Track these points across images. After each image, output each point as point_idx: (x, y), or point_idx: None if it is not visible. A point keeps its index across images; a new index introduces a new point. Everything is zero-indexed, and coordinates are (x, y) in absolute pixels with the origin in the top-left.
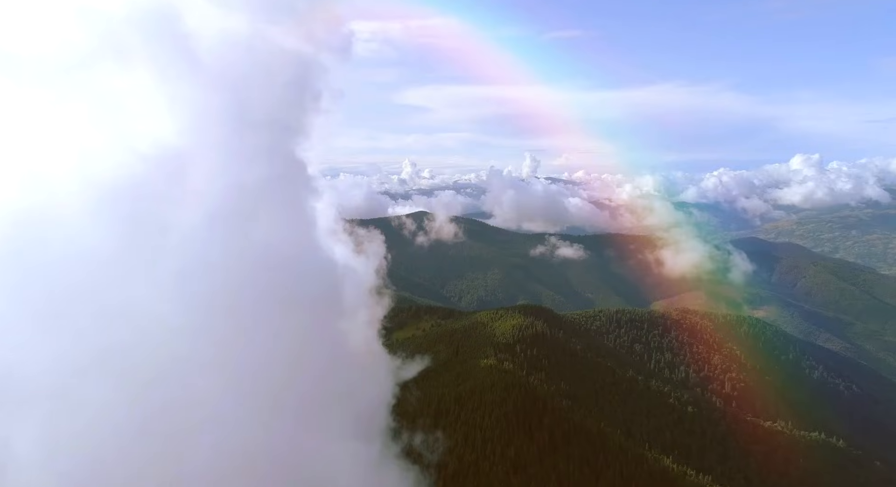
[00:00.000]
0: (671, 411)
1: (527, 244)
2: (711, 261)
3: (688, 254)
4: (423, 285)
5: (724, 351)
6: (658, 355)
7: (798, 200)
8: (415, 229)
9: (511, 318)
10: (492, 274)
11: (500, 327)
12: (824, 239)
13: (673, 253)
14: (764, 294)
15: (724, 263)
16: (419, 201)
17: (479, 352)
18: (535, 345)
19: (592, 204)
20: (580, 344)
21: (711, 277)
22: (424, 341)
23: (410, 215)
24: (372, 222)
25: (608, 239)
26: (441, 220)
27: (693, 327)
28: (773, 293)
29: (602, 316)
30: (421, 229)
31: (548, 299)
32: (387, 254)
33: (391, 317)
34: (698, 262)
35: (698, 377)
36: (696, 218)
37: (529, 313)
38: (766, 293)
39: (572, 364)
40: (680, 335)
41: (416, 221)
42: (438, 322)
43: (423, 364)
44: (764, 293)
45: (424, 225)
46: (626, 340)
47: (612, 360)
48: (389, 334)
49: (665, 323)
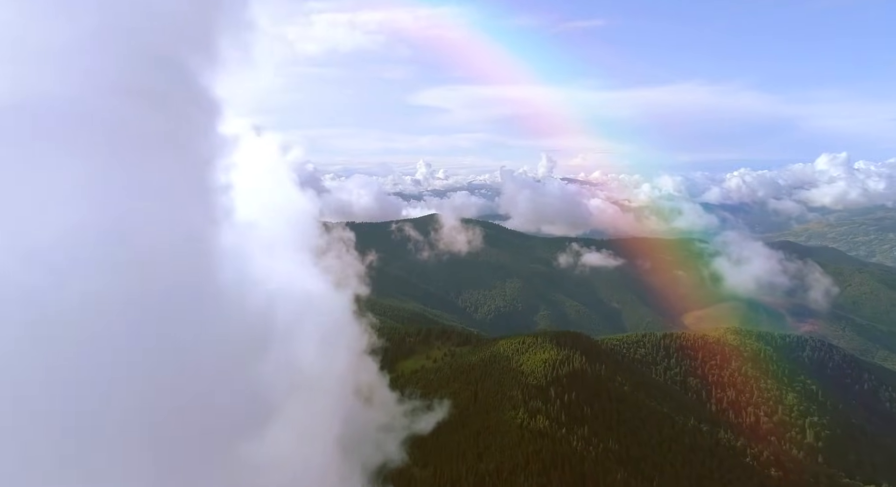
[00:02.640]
0: (749, 474)
1: (547, 249)
2: (745, 266)
3: (720, 259)
4: (436, 295)
5: (795, 386)
6: (719, 392)
7: (829, 202)
8: (427, 233)
9: (541, 350)
10: (510, 282)
11: (528, 362)
12: (859, 242)
13: (704, 258)
14: (808, 304)
15: (759, 268)
16: (432, 202)
17: (505, 398)
18: (574, 387)
19: (615, 205)
20: (627, 382)
21: (748, 285)
22: (436, 377)
23: (423, 218)
24: (382, 225)
25: (634, 243)
26: (455, 223)
27: (753, 354)
28: (819, 304)
29: (647, 342)
30: (434, 233)
31: (571, 310)
32: (396, 261)
33: (398, 342)
34: (731, 267)
35: (771, 421)
36: (721, 220)
37: (562, 342)
38: (811, 303)
39: (621, 411)
40: (739, 364)
41: (428, 224)
42: (452, 350)
43: (433, 412)
44: (808, 303)
45: (438, 228)
46: (678, 372)
47: (667, 403)
48: (394, 364)
49: (723, 350)
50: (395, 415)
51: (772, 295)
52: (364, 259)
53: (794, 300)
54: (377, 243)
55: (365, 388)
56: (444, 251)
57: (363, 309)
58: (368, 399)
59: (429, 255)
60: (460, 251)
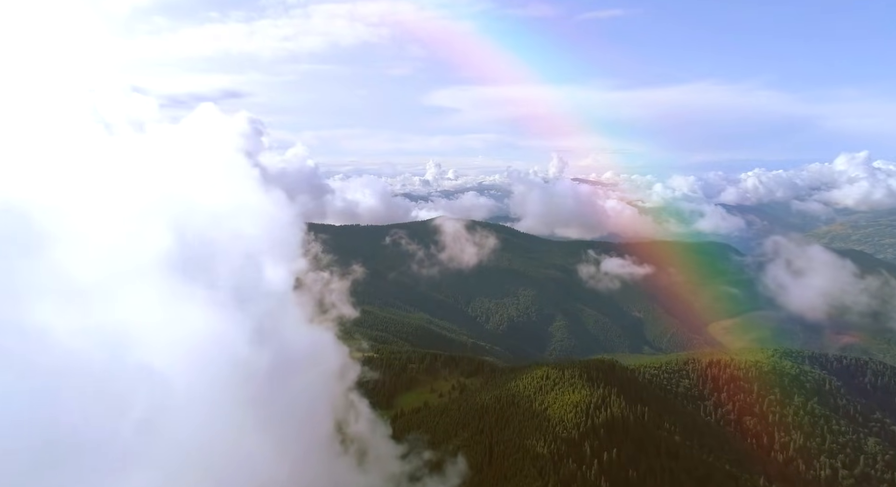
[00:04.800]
0: None
1: (563, 254)
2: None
3: (746, 263)
4: (444, 303)
5: (873, 426)
6: (783, 435)
7: (852, 203)
8: (435, 237)
9: (569, 387)
10: (524, 290)
11: (554, 405)
12: (885, 244)
13: (732, 263)
14: (845, 313)
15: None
16: (440, 203)
17: (527, 457)
18: (615, 440)
19: (631, 206)
20: (676, 428)
21: (780, 292)
22: (441, 420)
23: (431, 220)
24: (385, 229)
25: (654, 247)
26: (464, 227)
27: (816, 384)
28: (859, 313)
29: (691, 371)
30: (442, 237)
31: (589, 320)
32: (401, 267)
33: (397, 371)
34: (760, 272)
35: (852, 475)
36: (748, 223)
37: (593, 375)
38: (848, 312)
39: (674, 471)
40: (803, 400)
41: (436, 227)
42: (461, 382)
43: (441, 473)
44: (844, 311)
45: (446, 231)
46: (732, 408)
47: (726, 453)
48: (393, 397)
49: (782, 381)
50: (395, 478)
51: (804, 302)
52: (364, 265)
53: (832, 308)
54: (380, 248)
55: (356, 439)
56: (453, 256)
57: (356, 330)
58: (362, 454)
59: (436, 261)
60: (470, 256)
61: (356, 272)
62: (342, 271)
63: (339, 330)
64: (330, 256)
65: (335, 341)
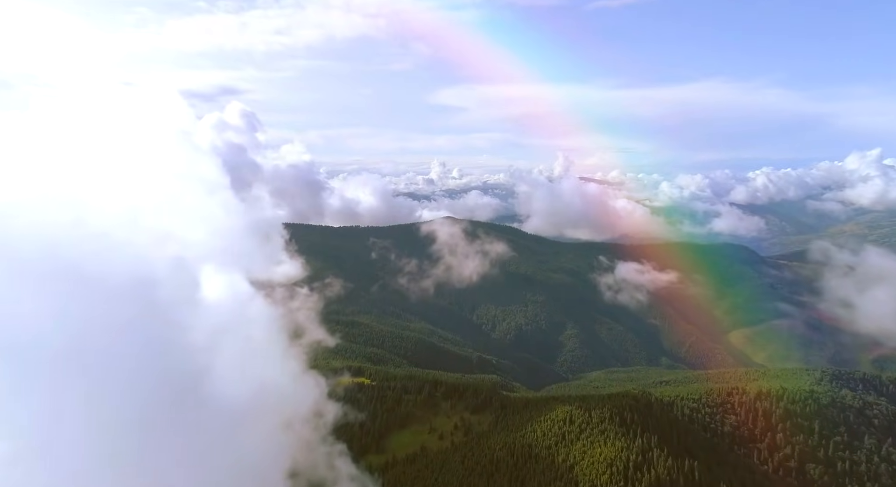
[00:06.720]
0: None
1: (573, 256)
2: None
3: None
4: (447, 310)
5: None
6: None
7: (867, 202)
8: (438, 238)
9: (601, 437)
10: (532, 295)
11: (583, 461)
12: None
13: (753, 266)
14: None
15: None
16: (444, 203)
17: None
18: None
19: (642, 206)
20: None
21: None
22: (442, 476)
23: (434, 221)
24: (387, 230)
25: (669, 249)
26: (469, 228)
27: (885, 419)
28: None
29: (736, 404)
30: (446, 238)
31: (602, 328)
32: (400, 272)
33: (390, 406)
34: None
35: None
36: (759, 221)
37: (627, 418)
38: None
39: None
40: (865, 434)
41: (441, 228)
42: (466, 418)
43: None
44: None
45: (450, 233)
46: (792, 453)
47: None
48: (384, 438)
49: (847, 418)
50: None
51: (831, 310)
52: (358, 270)
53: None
54: (377, 251)
55: None
56: (456, 261)
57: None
58: None
59: (438, 266)
60: (474, 261)
61: (347, 279)
62: (330, 279)
63: (320, 351)
64: (319, 261)
65: (305, 374)
